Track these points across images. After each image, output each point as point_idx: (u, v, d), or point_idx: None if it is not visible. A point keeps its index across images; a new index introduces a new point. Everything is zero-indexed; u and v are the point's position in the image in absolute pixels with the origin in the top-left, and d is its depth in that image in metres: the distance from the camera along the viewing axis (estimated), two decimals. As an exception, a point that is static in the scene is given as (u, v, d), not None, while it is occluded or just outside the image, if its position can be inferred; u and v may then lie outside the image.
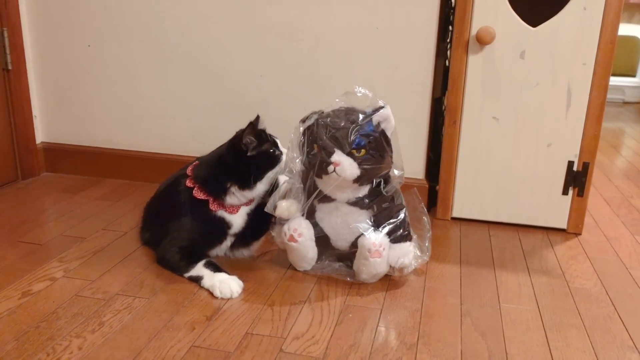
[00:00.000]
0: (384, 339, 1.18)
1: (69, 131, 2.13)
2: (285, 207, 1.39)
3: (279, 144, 1.47)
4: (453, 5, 1.74)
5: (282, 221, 1.40)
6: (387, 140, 1.35)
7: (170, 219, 1.45)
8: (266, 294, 1.34)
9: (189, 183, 1.44)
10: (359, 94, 1.39)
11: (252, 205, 1.48)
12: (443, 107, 1.87)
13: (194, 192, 1.43)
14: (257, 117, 1.48)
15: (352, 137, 1.28)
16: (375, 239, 1.33)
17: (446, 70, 1.83)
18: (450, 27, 1.80)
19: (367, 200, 1.36)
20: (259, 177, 1.42)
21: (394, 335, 1.20)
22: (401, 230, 1.38)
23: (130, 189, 2.01)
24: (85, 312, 1.23)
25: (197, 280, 1.37)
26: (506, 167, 1.76)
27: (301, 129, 1.37)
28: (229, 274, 1.36)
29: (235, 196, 1.43)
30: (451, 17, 1.78)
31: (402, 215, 1.39)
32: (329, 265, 1.46)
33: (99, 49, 2.00)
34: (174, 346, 1.13)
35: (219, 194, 1.42)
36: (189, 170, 1.47)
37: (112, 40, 1.98)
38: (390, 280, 1.42)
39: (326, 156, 1.29)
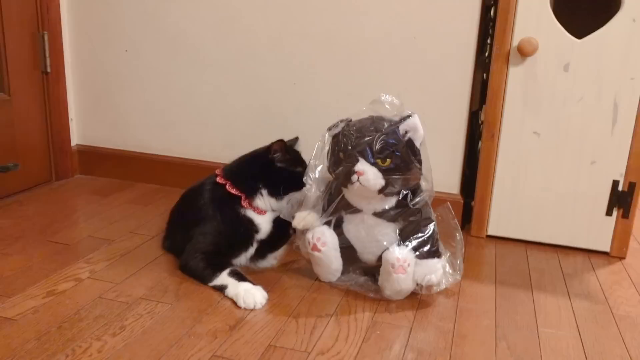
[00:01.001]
0: None
1: (103, 135, 2.15)
2: (301, 217, 1.36)
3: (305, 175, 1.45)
4: (493, 16, 1.69)
5: (305, 230, 1.37)
6: (414, 151, 1.29)
7: (194, 223, 1.43)
8: (291, 306, 1.30)
9: (219, 180, 1.43)
10: (386, 103, 1.35)
11: (277, 214, 1.47)
12: (480, 121, 1.81)
13: (227, 187, 1.42)
14: (296, 139, 1.47)
15: (377, 146, 1.24)
16: (400, 253, 1.27)
17: (484, 82, 1.77)
18: (488, 40, 1.75)
19: (393, 213, 1.31)
20: (287, 191, 1.44)
21: (423, 356, 1.14)
22: (429, 246, 1.31)
23: (160, 194, 2.01)
24: (108, 315, 1.22)
25: (221, 289, 1.34)
26: (546, 184, 1.68)
27: (327, 136, 1.34)
28: (253, 283, 1.33)
29: (264, 200, 1.42)
30: (490, 29, 1.73)
31: (430, 230, 1.32)
32: (355, 278, 1.41)
33: (136, 54, 2.02)
34: (195, 354, 1.10)
35: (251, 192, 1.42)
36: (218, 170, 1.46)
37: (149, 46, 2.00)
38: (421, 298, 1.36)
39: (350, 165, 1.25)
